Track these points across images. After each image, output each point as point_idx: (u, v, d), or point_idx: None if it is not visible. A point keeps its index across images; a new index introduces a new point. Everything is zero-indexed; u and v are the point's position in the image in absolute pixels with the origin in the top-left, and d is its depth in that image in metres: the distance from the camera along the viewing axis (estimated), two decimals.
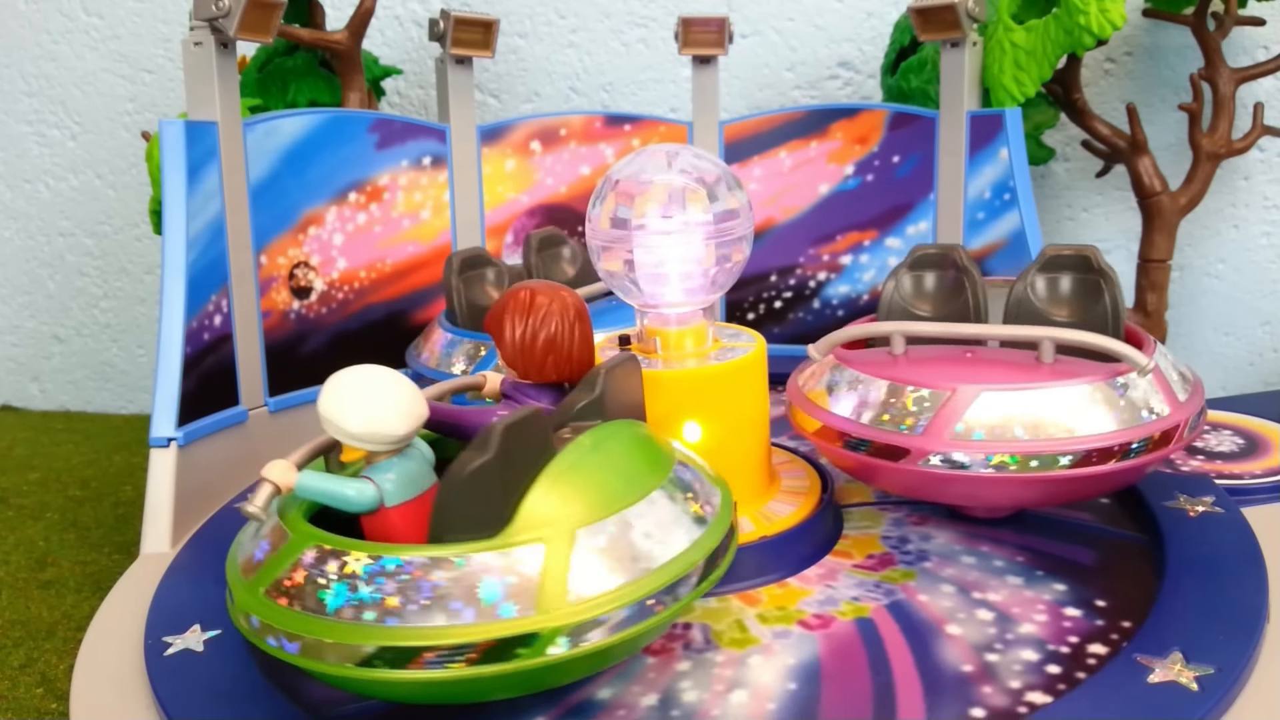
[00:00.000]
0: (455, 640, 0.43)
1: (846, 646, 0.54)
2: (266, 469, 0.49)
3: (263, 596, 0.47)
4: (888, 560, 0.63)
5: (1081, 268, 0.67)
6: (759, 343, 0.67)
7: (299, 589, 0.46)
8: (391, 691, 0.47)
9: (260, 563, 0.48)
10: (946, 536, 0.66)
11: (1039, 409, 0.58)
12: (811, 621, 0.57)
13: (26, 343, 1.35)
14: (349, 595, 0.45)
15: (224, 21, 0.76)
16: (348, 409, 0.49)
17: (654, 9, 1.15)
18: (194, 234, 0.78)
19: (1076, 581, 0.60)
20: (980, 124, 0.94)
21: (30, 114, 1.29)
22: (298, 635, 0.45)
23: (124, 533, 0.90)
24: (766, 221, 1.03)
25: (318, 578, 0.46)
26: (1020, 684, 0.51)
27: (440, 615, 0.44)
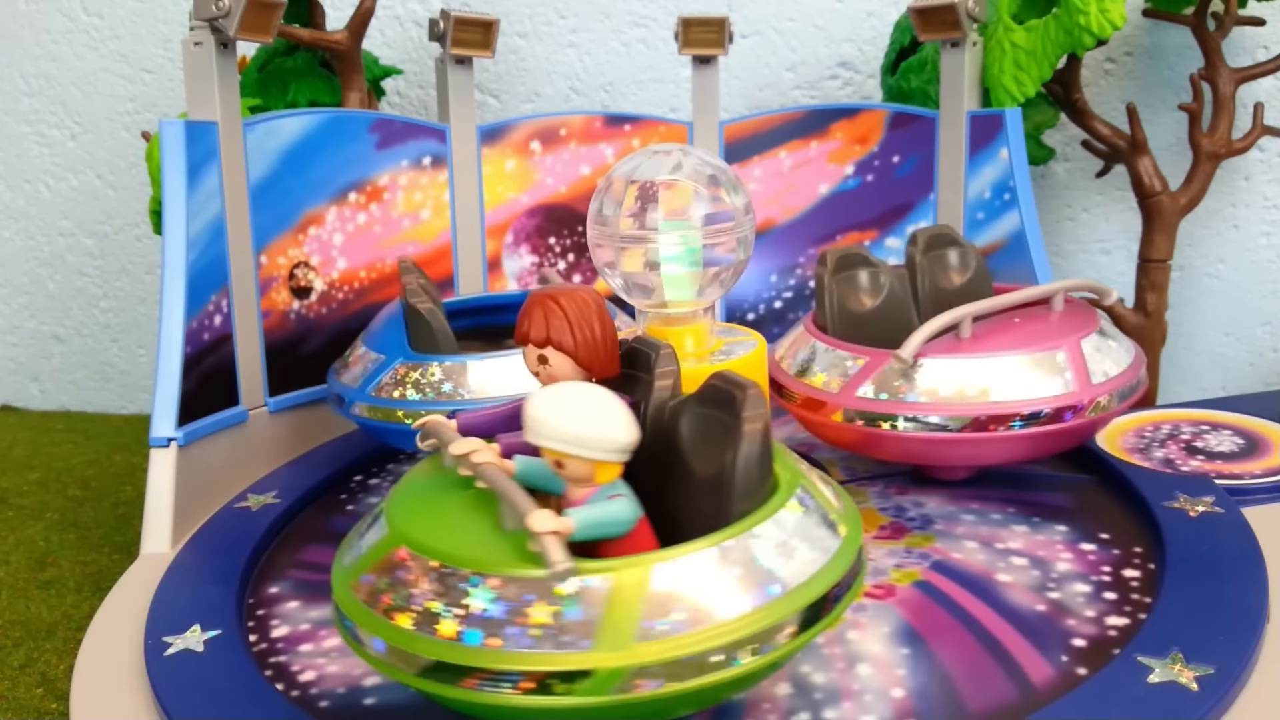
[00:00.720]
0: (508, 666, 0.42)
1: (924, 608, 0.58)
2: (537, 523, 0.42)
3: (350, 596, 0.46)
4: (900, 529, 0.67)
5: (947, 242, 0.76)
6: (759, 343, 0.67)
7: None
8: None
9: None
10: (936, 501, 0.70)
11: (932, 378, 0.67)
12: (876, 592, 0.60)
13: (26, 343, 1.35)
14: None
15: (224, 21, 0.76)
16: (618, 422, 0.46)
17: (654, 9, 1.15)
18: (194, 234, 0.78)
19: (1072, 522, 0.66)
20: (980, 124, 0.94)
21: (30, 114, 1.29)
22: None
23: (124, 533, 0.90)
24: (766, 221, 1.03)
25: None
26: (1095, 612, 0.56)
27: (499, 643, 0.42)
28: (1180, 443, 0.76)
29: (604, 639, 0.41)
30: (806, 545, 0.46)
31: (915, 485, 0.73)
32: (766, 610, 0.43)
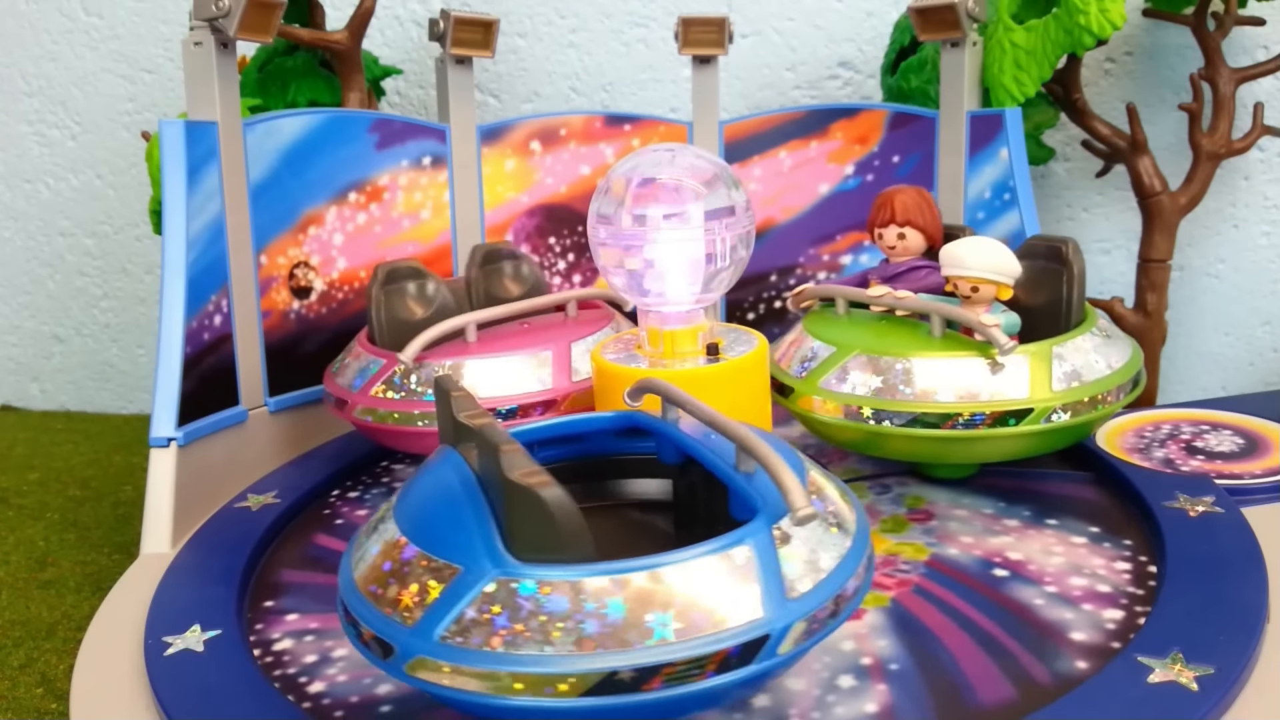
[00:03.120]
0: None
1: (921, 609, 0.58)
2: (987, 320, 0.65)
3: None
4: (901, 523, 0.68)
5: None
6: (760, 343, 0.67)
7: None
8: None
9: None
10: (934, 499, 0.71)
11: None
12: (895, 596, 0.60)
13: (26, 343, 1.35)
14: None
15: (224, 21, 0.76)
16: (1009, 256, 0.67)
17: (654, 9, 1.15)
18: (194, 234, 0.78)
19: (1068, 520, 0.67)
20: (980, 124, 0.94)
21: (30, 114, 1.29)
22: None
23: (124, 533, 0.90)
24: (766, 221, 1.03)
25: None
26: (1093, 610, 0.57)
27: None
28: (1180, 443, 0.76)
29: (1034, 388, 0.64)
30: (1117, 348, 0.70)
31: (899, 476, 0.74)
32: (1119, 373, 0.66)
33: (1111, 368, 0.67)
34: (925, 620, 0.57)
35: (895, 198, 0.76)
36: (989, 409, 0.63)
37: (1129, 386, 0.67)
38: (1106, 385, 0.66)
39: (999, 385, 0.64)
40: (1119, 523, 0.66)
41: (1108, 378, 0.66)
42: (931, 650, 0.54)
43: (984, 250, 0.67)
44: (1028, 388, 0.64)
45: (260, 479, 0.79)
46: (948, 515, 0.69)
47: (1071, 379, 0.65)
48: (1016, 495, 0.71)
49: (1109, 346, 0.68)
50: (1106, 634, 0.54)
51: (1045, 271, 0.72)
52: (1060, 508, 0.69)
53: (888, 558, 0.63)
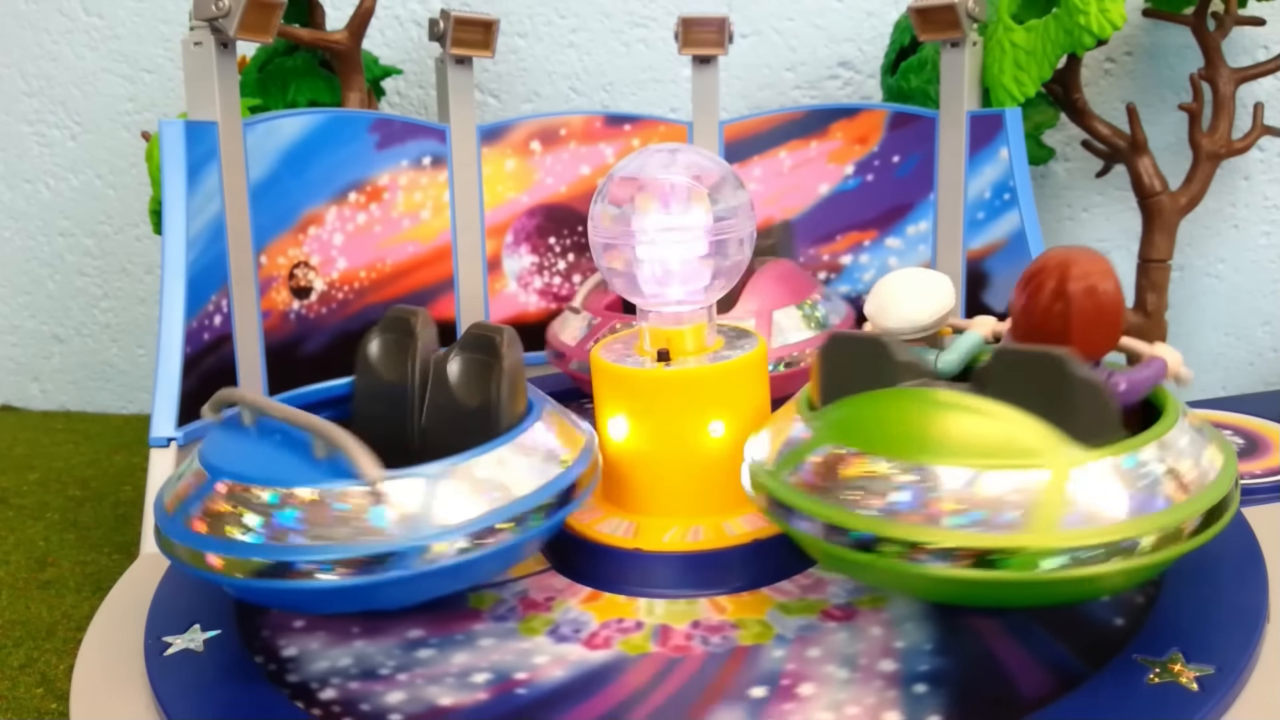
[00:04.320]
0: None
1: (920, 607, 0.57)
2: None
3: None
4: None
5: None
6: (760, 343, 0.67)
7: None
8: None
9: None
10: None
11: None
12: (834, 612, 0.58)
13: (26, 343, 1.35)
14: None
15: (224, 21, 0.76)
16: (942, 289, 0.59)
17: (654, 9, 1.15)
18: (194, 234, 0.78)
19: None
20: (980, 124, 0.94)
21: (30, 114, 1.29)
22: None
23: (124, 533, 0.90)
24: (766, 221, 1.03)
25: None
26: (1093, 612, 0.55)
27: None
28: None
29: (1029, 526, 0.47)
30: (1204, 454, 0.52)
31: None
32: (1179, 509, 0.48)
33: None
34: (925, 619, 0.56)
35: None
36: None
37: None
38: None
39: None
40: None
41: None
42: (930, 650, 0.54)
43: (898, 301, 0.59)
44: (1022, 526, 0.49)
45: None
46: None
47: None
48: None
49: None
50: (1106, 634, 0.54)
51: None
52: None
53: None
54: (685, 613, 0.58)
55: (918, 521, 0.48)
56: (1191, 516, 0.48)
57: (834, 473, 0.51)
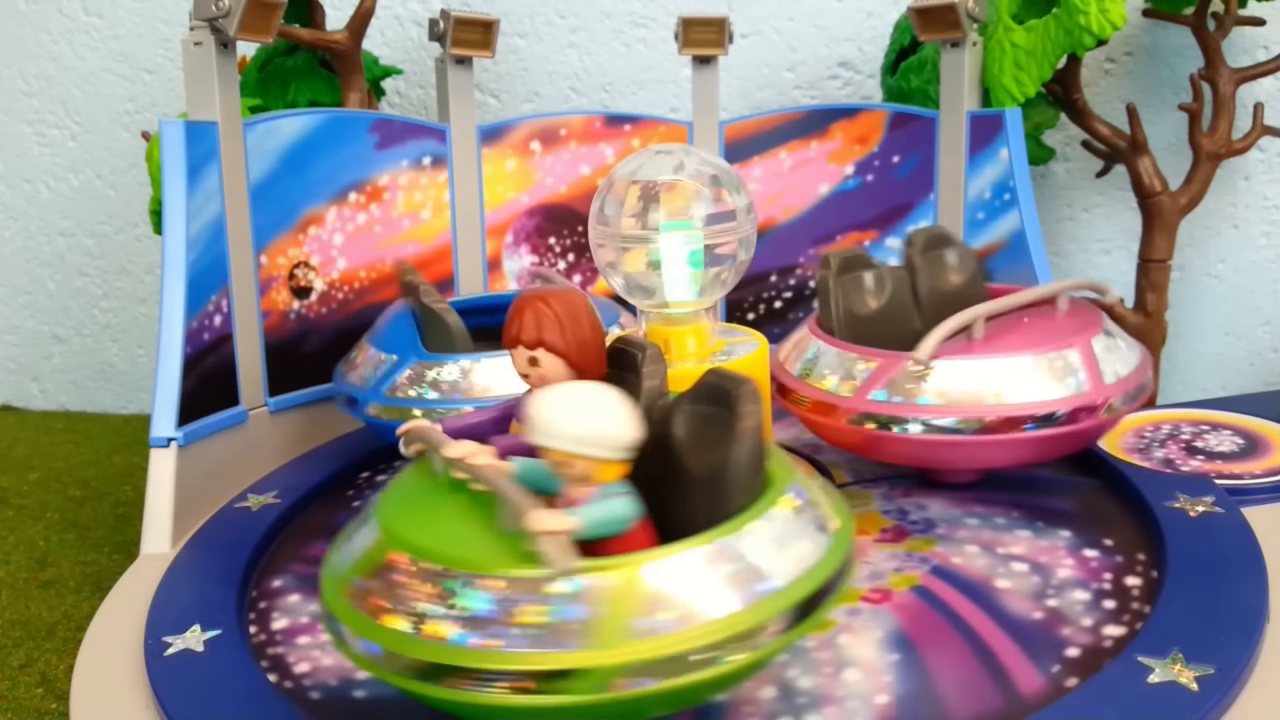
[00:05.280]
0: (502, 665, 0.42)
1: (920, 613, 0.57)
2: (538, 523, 0.42)
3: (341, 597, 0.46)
4: (902, 532, 0.67)
5: (944, 242, 0.75)
6: (760, 343, 0.67)
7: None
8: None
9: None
10: (940, 504, 0.69)
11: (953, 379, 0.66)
12: (873, 596, 0.59)
13: (26, 343, 1.34)
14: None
15: (224, 21, 0.76)
16: (624, 420, 0.46)
17: (654, 9, 1.15)
18: (194, 234, 0.78)
19: (1075, 528, 0.65)
20: (980, 124, 0.94)
21: (30, 114, 1.29)
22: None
23: (124, 533, 0.90)
24: (766, 221, 1.03)
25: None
26: (1092, 621, 0.55)
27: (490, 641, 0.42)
28: (1180, 443, 0.76)
29: (595, 638, 0.41)
30: (797, 542, 0.46)
31: (919, 488, 0.72)
32: (755, 609, 0.43)
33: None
34: (925, 618, 0.57)
35: (534, 306, 0.51)
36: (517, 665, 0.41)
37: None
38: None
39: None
40: (1121, 532, 0.66)
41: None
42: (932, 648, 0.54)
43: (570, 408, 0.46)
44: (583, 639, 0.41)
45: (260, 479, 0.79)
46: (949, 520, 0.68)
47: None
48: (1017, 495, 0.70)
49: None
50: (1106, 634, 0.54)
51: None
52: (1064, 515, 0.68)
53: (888, 559, 0.63)
54: None
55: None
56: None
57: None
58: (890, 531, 0.67)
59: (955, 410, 0.65)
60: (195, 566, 0.66)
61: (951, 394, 0.65)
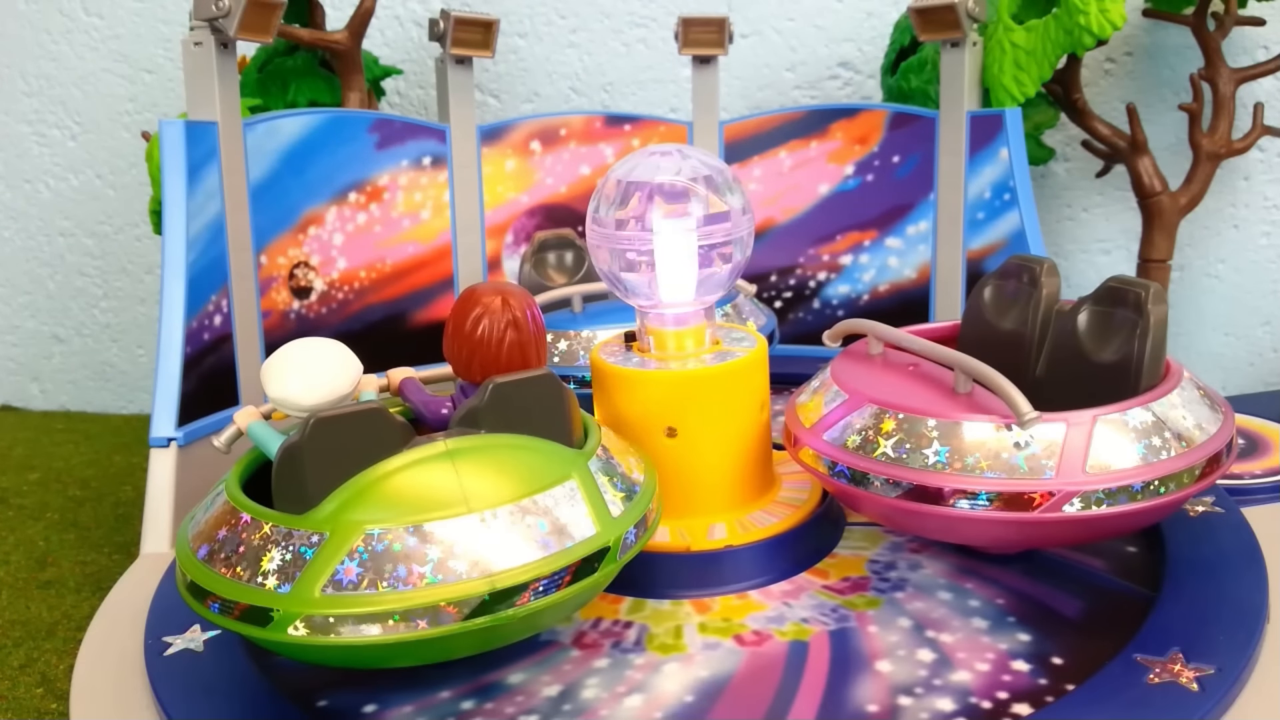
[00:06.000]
0: (231, 596, 0.48)
1: (765, 667, 0.53)
2: (238, 412, 0.56)
3: (187, 544, 0.52)
4: (861, 585, 0.60)
5: (1125, 303, 0.61)
6: (759, 343, 0.67)
7: (216, 541, 0.51)
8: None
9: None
10: (936, 568, 0.61)
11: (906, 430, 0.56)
12: (748, 637, 0.56)
13: (26, 343, 1.35)
14: (208, 548, 0.51)
15: (224, 21, 0.76)
16: (270, 377, 0.54)
17: (654, 9, 1.15)
18: (194, 234, 0.78)
19: (1045, 634, 0.55)
20: (980, 124, 0.94)
21: (30, 114, 1.29)
22: (187, 578, 0.51)
23: (124, 533, 0.90)
24: (766, 221, 1.03)
25: (222, 531, 0.51)
26: (1109, 588, 0.55)
27: (236, 572, 0.49)
28: None
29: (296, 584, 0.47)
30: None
31: (937, 546, 0.64)
32: (448, 588, 0.47)
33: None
34: (881, 642, 0.55)
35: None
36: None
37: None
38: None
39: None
40: (1131, 574, 0.64)
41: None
42: (874, 674, 0.53)
43: (271, 359, 0.55)
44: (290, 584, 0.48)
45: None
46: (920, 589, 0.60)
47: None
48: (1020, 590, 0.61)
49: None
50: (1106, 634, 0.54)
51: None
52: (1059, 609, 0.58)
53: (810, 609, 0.59)
54: (761, 603, 0.59)
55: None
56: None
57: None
58: (850, 582, 0.61)
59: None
60: None
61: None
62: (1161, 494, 0.54)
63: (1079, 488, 0.53)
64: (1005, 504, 0.54)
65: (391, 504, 0.48)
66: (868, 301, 1.01)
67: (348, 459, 0.49)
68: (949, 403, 0.58)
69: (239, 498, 0.51)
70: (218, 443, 0.57)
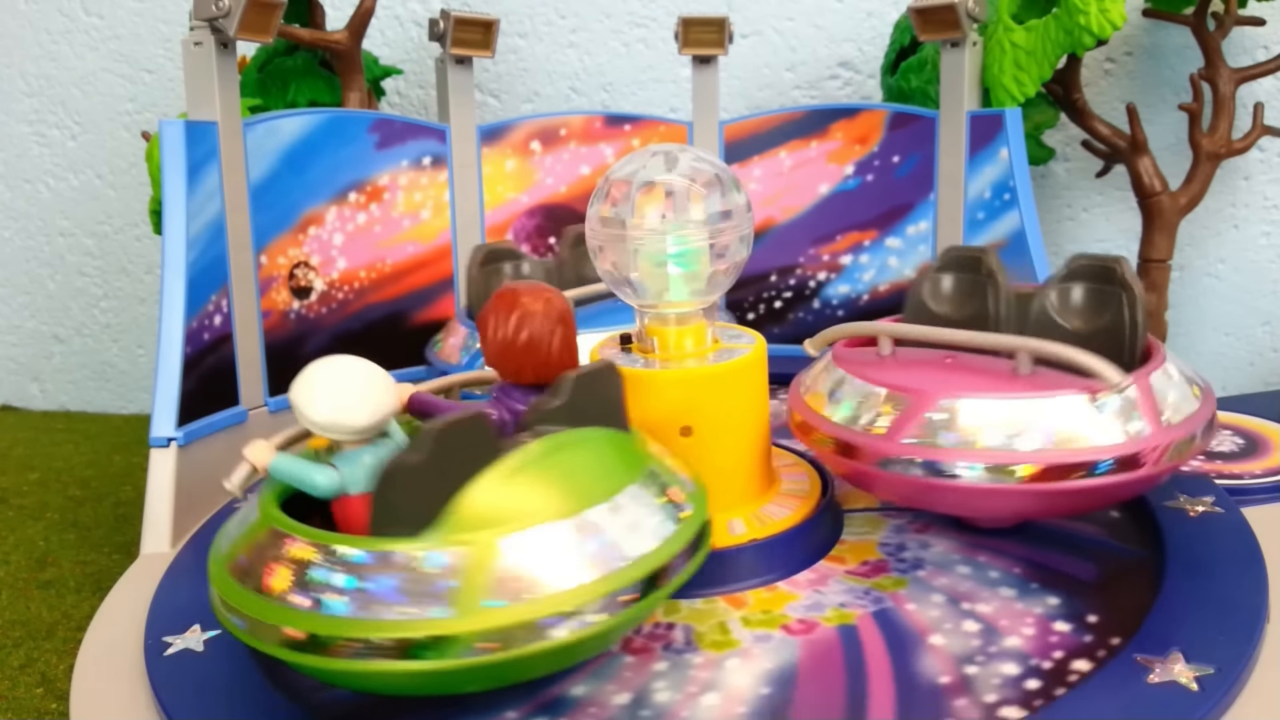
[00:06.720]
0: (370, 635, 0.44)
1: (826, 652, 0.54)
2: (247, 449, 0.51)
3: (224, 572, 0.49)
4: (881, 567, 0.62)
5: (1103, 278, 0.64)
6: (759, 343, 0.67)
7: (251, 568, 0.48)
8: (320, 676, 0.48)
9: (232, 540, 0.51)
10: (946, 545, 0.64)
11: (999, 418, 0.57)
12: (795, 626, 0.56)
13: (26, 343, 1.35)
14: (291, 580, 0.46)
15: (224, 21, 0.76)
16: (315, 398, 0.50)
17: (654, 9, 1.15)
18: (194, 234, 0.78)
19: (1071, 595, 0.57)
20: (980, 124, 0.94)
21: (30, 114, 1.29)
22: (242, 612, 0.47)
23: (124, 533, 0.90)
24: (766, 221, 1.03)
25: (270, 560, 0.47)
26: (996, 697, 0.49)
27: (363, 609, 0.45)
28: None
29: (458, 604, 0.44)
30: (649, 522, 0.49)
31: (939, 525, 0.66)
32: (609, 579, 0.46)
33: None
34: (829, 660, 0.54)
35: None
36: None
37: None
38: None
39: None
40: (1119, 522, 0.66)
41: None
42: (930, 648, 0.54)
43: (299, 385, 0.52)
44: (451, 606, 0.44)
45: (260, 479, 0.79)
46: (940, 564, 0.62)
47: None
48: (1036, 558, 0.64)
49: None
50: (1106, 634, 0.54)
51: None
52: (1076, 573, 0.61)
53: (843, 593, 0.59)
54: (793, 593, 0.59)
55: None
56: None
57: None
58: (870, 565, 0.62)
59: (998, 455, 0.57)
60: (195, 566, 0.66)
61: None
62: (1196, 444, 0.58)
63: (1169, 439, 0.57)
64: (1120, 467, 0.56)
65: (528, 504, 0.47)
66: (867, 301, 1.01)
67: (458, 469, 0.47)
68: (1023, 385, 0.60)
69: (388, 542, 0.46)
70: (230, 486, 0.53)
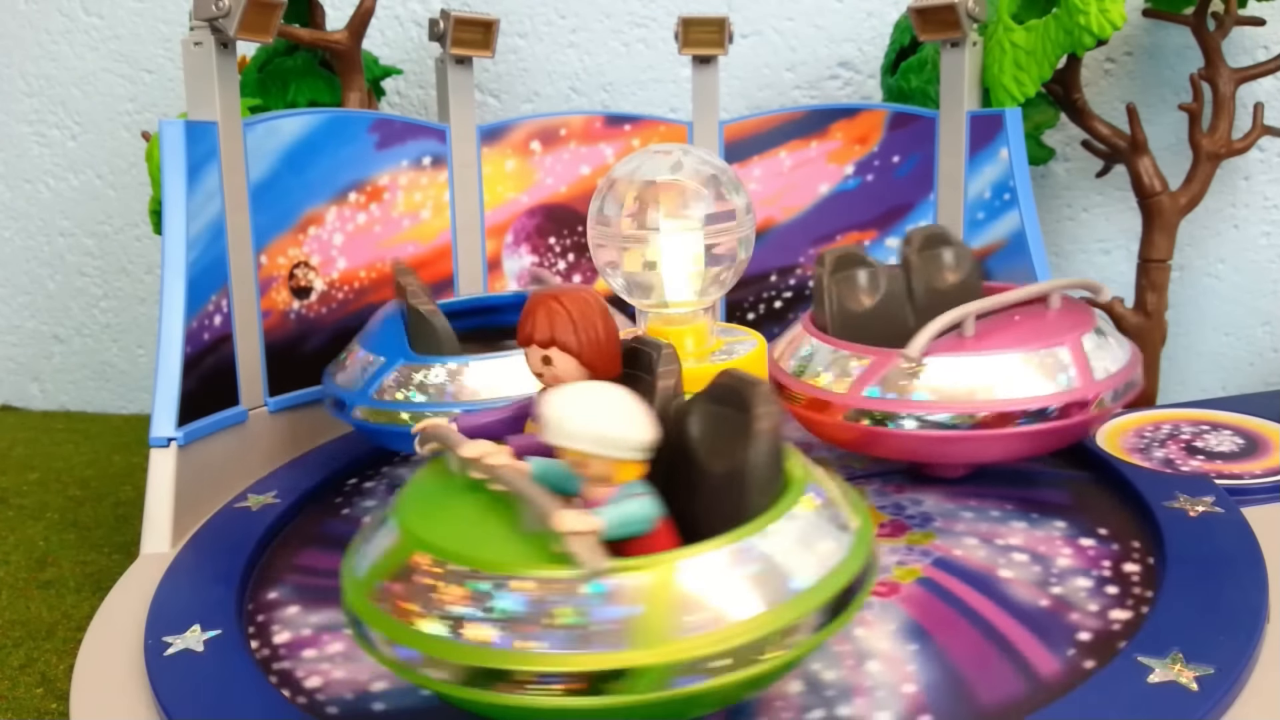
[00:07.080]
0: (558, 667, 0.41)
1: (928, 604, 0.58)
2: (565, 524, 0.42)
3: (368, 602, 0.45)
4: (900, 526, 0.68)
5: (941, 241, 0.77)
6: (759, 343, 0.67)
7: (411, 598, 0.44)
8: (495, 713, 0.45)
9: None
10: (934, 498, 0.71)
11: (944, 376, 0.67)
12: (880, 589, 0.60)
13: (26, 343, 1.34)
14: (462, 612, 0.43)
15: (224, 21, 0.76)
16: (634, 420, 0.46)
17: (654, 9, 1.15)
18: (194, 234, 0.78)
19: (1070, 518, 0.67)
20: (980, 124, 0.94)
21: (30, 114, 1.28)
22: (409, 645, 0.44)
23: (124, 533, 0.90)
24: (766, 221, 1.03)
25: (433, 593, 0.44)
26: (1098, 606, 0.57)
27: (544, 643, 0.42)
28: (1180, 443, 0.76)
29: (643, 637, 0.41)
30: (822, 541, 0.46)
31: (912, 483, 0.73)
32: (788, 607, 0.43)
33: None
34: (925, 620, 0.57)
35: (548, 305, 0.51)
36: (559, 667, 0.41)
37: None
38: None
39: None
40: (1119, 523, 0.66)
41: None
42: (931, 651, 0.54)
43: (586, 408, 0.46)
44: (628, 639, 0.41)
45: (260, 479, 0.79)
46: (945, 514, 0.69)
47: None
48: (1015, 494, 0.71)
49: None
50: (1106, 634, 0.54)
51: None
52: (1059, 507, 0.69)
53: (889, 553, 0.64)
54: None
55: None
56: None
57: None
58: (888, 526, 0.68)
59: (949, 406, 0.66)
60: (195, 566, 0.66)
61: (945, 390, 0.66)
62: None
63: (1098, 391, 0.67)
64: (1061, 414, 0.66)
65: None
66: None
67: None
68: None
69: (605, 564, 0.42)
70: (600, 568, 0.42)
